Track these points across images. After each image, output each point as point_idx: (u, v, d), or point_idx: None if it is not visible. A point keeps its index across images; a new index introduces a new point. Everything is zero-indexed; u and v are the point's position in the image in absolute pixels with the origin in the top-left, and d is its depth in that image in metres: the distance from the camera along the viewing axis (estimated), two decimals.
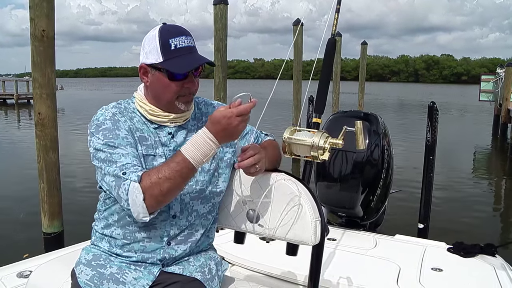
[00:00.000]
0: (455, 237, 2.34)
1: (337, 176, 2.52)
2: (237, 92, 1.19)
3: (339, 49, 13.75)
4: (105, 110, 1.28)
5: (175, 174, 1.13)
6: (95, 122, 1.25)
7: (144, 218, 1.15)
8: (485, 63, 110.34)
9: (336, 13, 1.76)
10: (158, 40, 1.22)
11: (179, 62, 1.22)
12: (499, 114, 14.66)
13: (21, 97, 27.01)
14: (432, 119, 2.62)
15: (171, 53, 1.22)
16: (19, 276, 1.75)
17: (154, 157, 1.27)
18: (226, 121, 1.12)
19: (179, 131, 1.32)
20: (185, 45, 1.23)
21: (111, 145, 1.20)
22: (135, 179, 1.14)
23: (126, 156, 1.19)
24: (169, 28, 1.25)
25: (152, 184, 1.13)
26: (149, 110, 1.29)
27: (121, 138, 1.22)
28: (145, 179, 1.14)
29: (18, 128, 16.06)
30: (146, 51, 1.25)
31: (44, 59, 3.92)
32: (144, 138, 1.27)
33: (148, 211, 1.14)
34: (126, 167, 1.16)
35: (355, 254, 2.12)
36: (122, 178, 1.15)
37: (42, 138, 4.02)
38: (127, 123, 1.27)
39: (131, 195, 1.13)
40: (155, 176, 1.13)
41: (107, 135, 1.22)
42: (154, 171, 1.15)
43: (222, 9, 6.60)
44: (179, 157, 1.14)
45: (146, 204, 1.13)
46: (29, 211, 5.12)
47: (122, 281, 1.26)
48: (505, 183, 8.44)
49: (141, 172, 1.16)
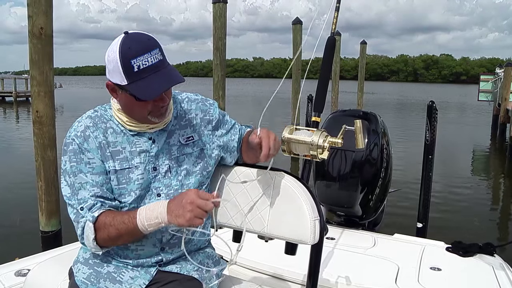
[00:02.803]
0: (454, 237, 2.34)
1: (336, 175, 2.52)
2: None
3: (339, 48, 13.75)
4: (78, 124, 1.26)
5: (124, 229, 1.16)
6: (66, 140, 1.25)
7: (97, 252, 1.23)
8: (484, 63, 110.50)
9: (336, 12, 1.75)
10: (119, 60, 1.11)
11: (145, 86, 1.12)
12: (498, 114, 14.66)
13: (19, 95, 26.96)
14: (431, 118, 2.62)
15: (134, 75, 1.12)
16: (17, 275, 1.75)
17: (129, 169, 1.24)
18: (184, 197, 1.10)
19: (160, 135, 1.28)
20: (149, 64, 1.12)
21: (73, 171, 1.22)
22: (90, 219, 1.18)
23: (84, 186, 1.21)
24: (130, 44, 1.12)
25: (103, 228, 1.17)
26: (127, 122, 1.25)
27: (83, 164, 1.22)
28: (99, 221, 1.18)
29: (16, 126, 16.02)
30: (109, 70, 1.16)
31: (42, 57, 3.89)
32: (117, 152, 1.24)
33: (100, 247, 1.20)
34: (84, 201, 1.20)
35: (353, 253, 2.12)
36: (80, 214, 1.20)
37: (40, 136, 4.00)
38: (99, 138, 1.24)
39: (85, 232, 1.19)
40: (108, 222, 1.17)
41: (71, 158, 1.23)
42: (110, 217, 1.18)
43: (221, 7, 6.58)
44: (132, 216, 1.16)
45: (97, 242, 1.19)
46: (26, 209, 5.11)
47: (119, 280, 1.25)
48: (503, 182, 8.46)
49: (98, 212, 1.19)
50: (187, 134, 1.32)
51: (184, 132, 1.32)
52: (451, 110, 24.54)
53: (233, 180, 1.38)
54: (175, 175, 1.28)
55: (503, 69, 15.09)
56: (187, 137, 1.32)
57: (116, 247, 1.27)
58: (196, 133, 1.34)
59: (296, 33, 11.10)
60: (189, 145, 1.32)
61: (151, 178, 1.26)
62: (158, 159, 1.27)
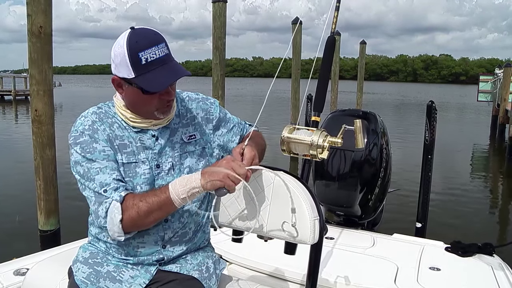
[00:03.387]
0: (453, 236, 2.34)
1: (335, 174, 2.52)
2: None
3: (338, 48, 13.76)
4: (84, 118, 1.25)
5: (156, 203, 1.13)
6: (73, 134, 1.23)
7: (119, 237, 1.17)
8: (483, 64, 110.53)
9: (336, 11, 1.75)
10: (127, 53, 1.12)
11: (152, 78, 1.13)
12: (497, 115, 14.69)
13: (19, 93, 26.92)
14: (431, 118, 2.62)
15: (142, 68, 1.13)
16: (16, 274, 1.74)
17: (136, 163, 1.24)
18: (219, 162, 1.13)
19: (163, 132, 1.28)
20: (156, 57, 1.13)
21: (88, 159, 1.19)
22: (117, 199, 1.15)
23: (104, 170, 1.18)
24: (137, 39, 1.13)
25: (131, 208, 1.13)
26: (130, 118, 1.25)
27: (98, 152, 1.20)
28: (127, 200, 1.15)
29: (15, 125, 15.99)
30: (116, 64, 1.16)
31: (41, 55, 3.89)
32: (124, 146, 1.24)
33: (124, 231, 1.15)
34: (107, 184, 1.16)
35: (353, 253, 2.12)
36: (103, 196, 1.16)
37: (38, 135, 3.99)
38: (106, 132, 1.24)
39: (110, 214, 1.14)
40: (137, 200, 1.14)
41: (84, 148, 1.20)
42: (138, 195, 1.16)
43: (221, 7, 6.58)
44: (164, 188, 1.14)
45: (122, 225, 1.14)
46: (25, 208, 5.10)
47: (118, 280, 1.25)
48: (502, 183, 8.46)
49: (125, 192, 1.16)
50: (189, 132, 1.33)
51: (186, 130, 1.33)
52: (451, 110, 24.57)
53: None
54: (178, 172, 1.28)
55: (502, 70, 15.10)
56: (189, 135, 1.32)
57: (117, 243, 1.26)
58: (198, 131, 1.34)
59: (296, 33, 11.09)
60: (191, 143, 1.32)
61: (155, 175, 1.26)
62: (161, 156, 1.27)
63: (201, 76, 37.56)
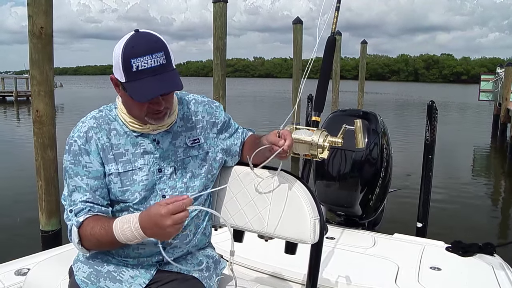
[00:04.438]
0: (454, 236, 2.33)
1: (336, 174, 2.52)
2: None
3: (339, 48, 13.74)
4: (82, 124, 1.26)
5: (104, 237, 1.15)
6: (69, 140, 1.26)
7: (84, 253, 1.26)
8: (484, 63, 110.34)
9: (336, 11, 1.75)
10: (121, 58, 1.12)
11: (139, 87, 1.11)
12: (498, 114, 14.66)
13: (20, 94, 26.94)
14: (431, 118, 2.62)
15: (132, 75, 1.11)
16: (17, 274, 1.75)
17: (133, 171, 1.24)
18: (158, 218, 1.04)
19: (165, 136, 1.28)
20: (148, 66, 1.10)
21: (70, 173, 1.24)
22: (75, 224, 1.19)
23: (78, 189, 1.22)
24: (135, 44, 1.12)
25: (86, 235, 1.18)
26: (129, 122, 1.25)
27: (81, 167, 1.22)
28: (84, 227, 1.19)
29: (17, 126, 16.02)
30: (114, 64, 1.16)
31: (42, 56, 3.89)
32: (120, 155, 1.24)
33: (87, 250, 1.23)
34: (74, 204, 1.21)
35: (353, 253, 2.12)
36: (69, 214, 1.22)
37: (39, 135, 4.00)
38: (102, 140, 1.24)
39: (71, 235, 1.22)
40: (89, 230, 1.17)
41: (71, 159, 1.24)
42: (94, 223, 1.18)
43: (222, 7, 6.58)
44: (111, 226, 1.14)
45: (83, 246, 1.20)
46: (26, 209, 5.11)
47: (119, 279, 1.25)
48: (504, 182, 8.45)
49: (84, 217, 1.19)
50: (193, 136, 1.32)
51: (190, 134, 1.32)
52: (452, 110, 24.52)
53: (233, 180, 1.38)
54: (180, 177, 1.28)
55: (503, 69, 15.09)
56: (193, 139, 1.32)
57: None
58: (202, 135, 1.34)
59: (297, 32, 11.09)
60: (195, 148, 1.32)
61: (156, 180, 1.26)
62: (163, 160, 1.26)
63: (202, 77, 37.49)
